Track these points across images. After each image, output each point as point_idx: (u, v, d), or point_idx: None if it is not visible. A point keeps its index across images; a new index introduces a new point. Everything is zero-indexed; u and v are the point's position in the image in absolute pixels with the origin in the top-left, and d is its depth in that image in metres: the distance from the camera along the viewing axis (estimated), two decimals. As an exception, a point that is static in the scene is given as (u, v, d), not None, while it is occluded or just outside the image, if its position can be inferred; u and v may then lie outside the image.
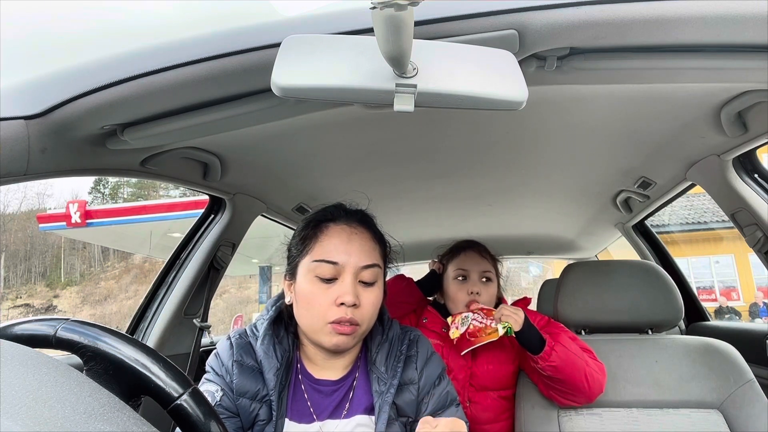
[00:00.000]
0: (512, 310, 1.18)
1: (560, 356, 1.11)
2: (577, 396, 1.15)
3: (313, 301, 0.81)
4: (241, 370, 0.82)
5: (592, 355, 1.19)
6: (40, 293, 29.52)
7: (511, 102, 0.51)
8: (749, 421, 1.10)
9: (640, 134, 1.17)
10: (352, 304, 0.79)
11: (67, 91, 0.70)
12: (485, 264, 1.37)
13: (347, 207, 0.91)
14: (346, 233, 0.84)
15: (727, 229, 9.79)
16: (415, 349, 0.90)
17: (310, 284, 0.82)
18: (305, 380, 0.86)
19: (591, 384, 1.12)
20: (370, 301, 0.82)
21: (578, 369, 1.11)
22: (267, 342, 0.84)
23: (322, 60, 0.49)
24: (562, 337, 1.17)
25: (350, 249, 0.82)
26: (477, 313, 1.25)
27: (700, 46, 0.66)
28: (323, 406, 0.84)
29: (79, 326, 0.45)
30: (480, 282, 1.35)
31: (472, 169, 1.46)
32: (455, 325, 1.27)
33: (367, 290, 0.83)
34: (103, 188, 35.89)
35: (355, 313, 0.80)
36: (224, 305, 20.93)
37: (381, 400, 0.82)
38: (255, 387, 0.81)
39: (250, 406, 0.80)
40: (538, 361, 1.13)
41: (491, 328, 1.20)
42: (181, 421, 0.43)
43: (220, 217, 1.45)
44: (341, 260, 0.81)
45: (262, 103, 0.74)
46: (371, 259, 0.84)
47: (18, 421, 0.27)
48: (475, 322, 1.24)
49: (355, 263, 0.81)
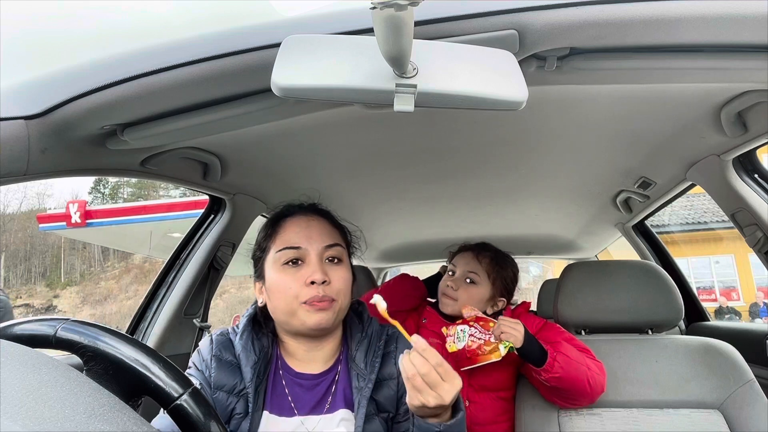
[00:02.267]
0: (511, 324, 1.13)
1: (563, 366, 1.09)
2: (579, 400, 1.15)
3: (284, 286, 0.83)
4: (219, 364, 0.84)
5: (591, 355, 1.18)
6: (40, 293, 29.51)
7: (511, 102, 0.51)
8: (749, 421, 1.10)
9: (640, 134, 1.17)
10: (322, 281, 0.82)
11: (67, 91, 0.70)
12: (473, 265, 1.35)
13: (301, 203, 0.95)
14: (303, 221, 0.89)
15: (727, 229, 9.78)
16: (394, 345, 0.91)
17: (279, 272, 0.84)
18: (285, 374, 0.87)
19: (593, 387, 1.11)
20: (339, 276, 0.85)
21: (581, 375, 1.10)
22: (246, 337, 0.87)
23: (322, 60, 0.49)
24: (563, 345, 1.15)
25: (310, 233, 0.86)
26: (473, 326, 1.21)
27: (700, 46, 0.66)
28: (304, 401, 0.85)
29: (79, 326, 0.45)
30: (463, 281, 1.34)
31: (471, 170, 1.46)
32: (451, 338, 1.24)
33: (334, 268, 0.86)
34: (103, 188, 35.90)
35: (326, 290, 0.82)
36: (224, 305, 20.91)
37: (360, 395, 0.83)
38: (232, 381, 0.82)
39: (226, 399, 0.81)
40: (540, 373, 1.11)
41: (491, 344, 1.16)
42: (181, 421, 0.43)
43: (220, 217, 1.45)
44: (303, 244, 0.85)
45: (262, 103, 0.74)
46: (333, 239, 0.87)
47: (18, 421, 0.27)
48: (472, 338, 1.20)
49: (318, 244, 0.85)
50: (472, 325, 1.22)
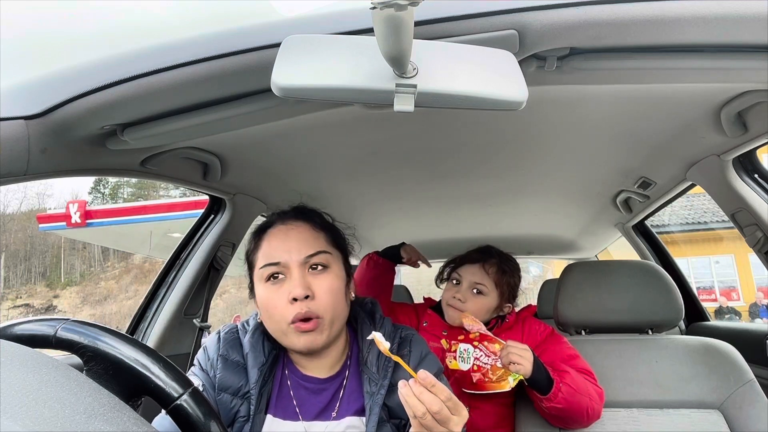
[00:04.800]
0: (519, 351, 1.08)
1: (566, 398, 1.07)
2: (572, 426, 1.13)
3: (270, 305, 0.81)
4: (225, 364, 0.82)
5: (593, 379, 1.15)
6: (40, 293, 29.51)
7: (511, 102, 0.51)
8: (749, 421, 1.10)
9: (640, 134, 1.17)
10: (304, 296, 0.78)
11: (67, 91, 0.70)
12: (481, 276, 1.33)
13: (282, 209, 0.93)
14: (282, 232, 0.86)
15: (727, 229, 9.78)
16: (407, 348, 0.88)
17: (265, 290, 0.82)
18: (292, 376, 0.86)
19: (590, 417, 1.10)
20: (324, 289, 0.81)
21: (582, 406, 1.08)
22: (257, 336, 0.85)
23: (322, 60, 0.49)
24: (570, 375, 1.10)
25: (289, 245, 0.83)
26: (478, 348, 1.18)
27: (700, 46, 0.66)
28: (310, 405, 0.83)
29: (79, 326, 0.45)
30: (469, 291, 1.32)
31: (472, 169, 1.46)
32: (452, 354, 1.22)
33: (318, 278, 0.82)
34: (103, 188, 35.91)
35: (311, 305, 0.79)
36: (224, 305, 20.91)
37: (371, 401, 0.80)
38: (237, 383, 0.81)
39: (231, 402, 0.80)
40: (543, 401, 1.09)
41: (497, 371, 1.13)
42: (181, 421, 0.43)
43: (220, 217, 1.45)
44: (282, 258, 0.82)
45: (262, 103, 0.74)
46: (314, 248, 0.83)
47: (18, 421, 0.27)
48: (478, 363, 1.17)
49: (297, 256, 0.82)
50: (476, 346, 1.20)
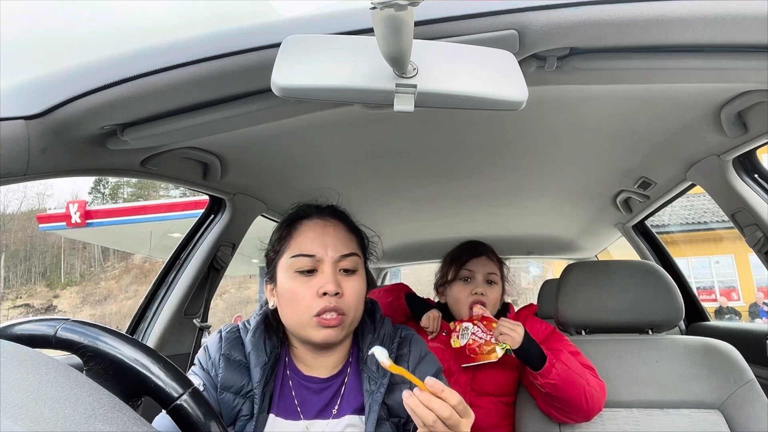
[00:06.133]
0: (511, 326, 1.14)
1: (560, 374, 1.08)
2: (574, 415, 1.14)
3: (296, 296, 0.81)
4: (228, 364, 0.82)
5: (594, 373, 1.16)
6: (40, 293, 29.52)
7: (511, 102, 0.51)
8: (749, 421, 1.10)
9: (640, 134, 1.17)
10: (335, 293, 0.79)
11: (67, 91, 0.70)
12: (491, 266, 1.36)
13: (319, 203, 0.92)
14: (320, 226, 0.86)
15: (727, 229, 9.79)
16: (407, 348, 0.89)
17: (291, 280, 0.82)
18: (293, 376, 0.86)
19: (590, 404, 1.10)
20: (353, 289, 0.83)
21: (578, 388, 1.09)
22: (258, 335, 0.85)
23: (322, 60, 0.49)
24: (564, 354, 1.13)
25: (326, 240, 0.83)
26: (477, 325, 1.23)
27: (700, 46, 0.66)
28: (311, 404, 0.84)
29: (79, 326, 0.45)
30: (485, 283, 1.34)
31: (472, 170, 1.46)
32: (456, 334, 1.26)
33: (348, 279, 0.83)
34: (103, 188, 35.91)
35: (339, 302, 0.80)
36: (224, 305, 20.92)
37: (371, 399, 0.81)
38: (240, 382, 0.81)
39: (233, 401, 0.80)
40: (537, 378, 1.11)
41: (490, 345, 1.17)
42: (181, 421, 0.43)
43: (220, 217, 1.45)
44: (318, 252, 0.82)
45: (262, 103, 0.74)
46: (348, 249, 0.85)
47: (18, 421, 0.27)
48: (474, 337, 1.21)
49: (333, 253, 0.82)
50: (476, 323, 1.24)
